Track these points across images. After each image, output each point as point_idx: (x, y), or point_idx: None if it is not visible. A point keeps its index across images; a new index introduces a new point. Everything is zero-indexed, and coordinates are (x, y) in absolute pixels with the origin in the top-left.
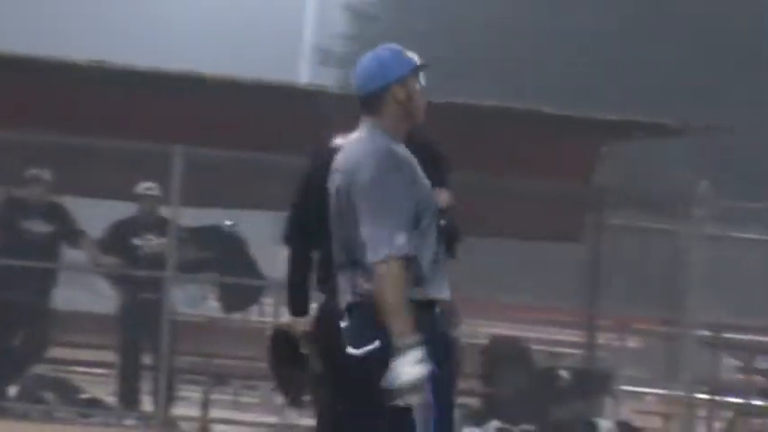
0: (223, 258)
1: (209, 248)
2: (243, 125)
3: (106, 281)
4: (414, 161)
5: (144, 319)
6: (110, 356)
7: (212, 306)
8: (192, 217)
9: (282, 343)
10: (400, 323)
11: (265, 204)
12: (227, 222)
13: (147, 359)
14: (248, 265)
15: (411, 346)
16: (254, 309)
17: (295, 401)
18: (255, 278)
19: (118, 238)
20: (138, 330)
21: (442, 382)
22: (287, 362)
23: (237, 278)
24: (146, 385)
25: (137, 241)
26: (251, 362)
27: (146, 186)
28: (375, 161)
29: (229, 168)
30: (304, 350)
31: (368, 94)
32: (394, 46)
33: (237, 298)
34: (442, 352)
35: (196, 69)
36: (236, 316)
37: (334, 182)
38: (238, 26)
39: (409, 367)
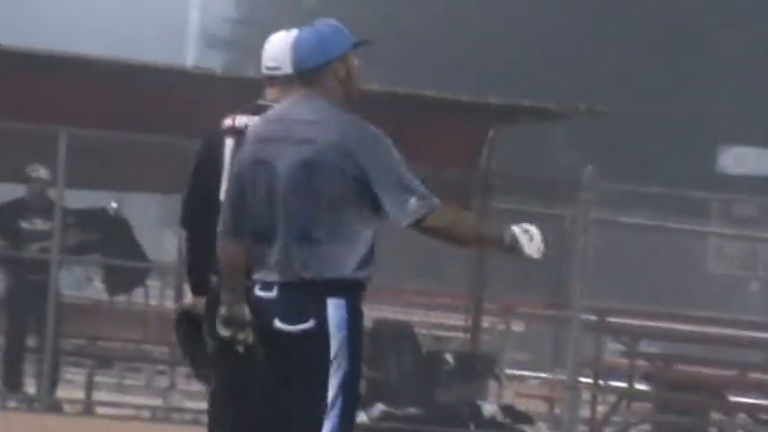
0: (108, 241)
1: (94, 231)
2: (129, 107)
3: None
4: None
5: (29, 301)
6: None
7: (97, 288)
8: (77, 199)
9: (187, 322)
10: (492, 230)
11: (151, 187)
12: (113, 205)
13: (31, 341)
14: (133, 248)
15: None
16: (139, 291)
17: (205, 378)
18: (140, 260)
19: (4, 220)
20: (24, 312)
21: (356, 374)
22: (194, 340)
23: (122, 260)
24: (30, 368)
25: (24, 224)
26: (135, 344)
27: (33, 168)
28: (361, 132)
29: (115, 150)
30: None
31: (307, 69)
32: (333, 22)
33: (122, 280)
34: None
35: (82, 51)
36: (121, 298)
37: (291, 154)
38: (126, 9)
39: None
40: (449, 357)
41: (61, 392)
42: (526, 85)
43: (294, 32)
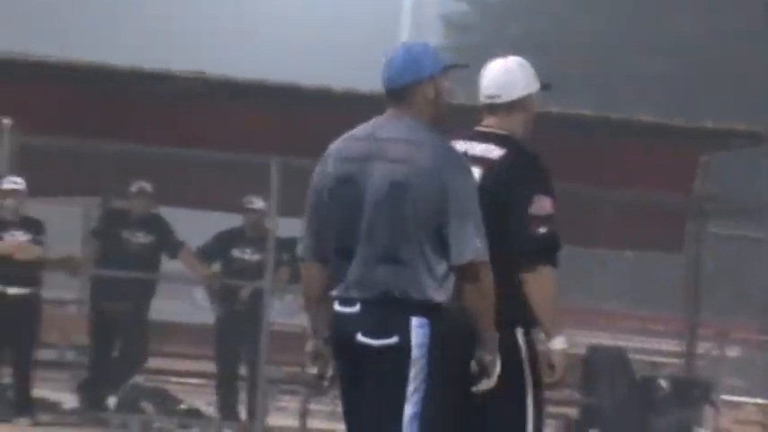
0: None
1: (294, 260)
2: (338, 135)
3: (205, 291)
4: None
5: (242, 330)
6: (208, 367)
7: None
8: (292, 228)
9: None
10: (493, 329)
11: None
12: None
13: (244, 369)
14: None
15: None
16: None
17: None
18: None
19: (220, 249)
20: (237, 341)
21: (436, 398)
22: None
23: None
24: (243, 395)
25: (236, 253)
26: None
27: (248, 200)
28: (455, 160)
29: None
30: None
31: (397, 87)
32: (424, 43)
33: None
34: None
35: (292, 80)
36: None
37: (380, 173)
38: (336, 38)
39: (499, 368)
40: (663, 383)
41: (275, 420)
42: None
43: (512, 60)
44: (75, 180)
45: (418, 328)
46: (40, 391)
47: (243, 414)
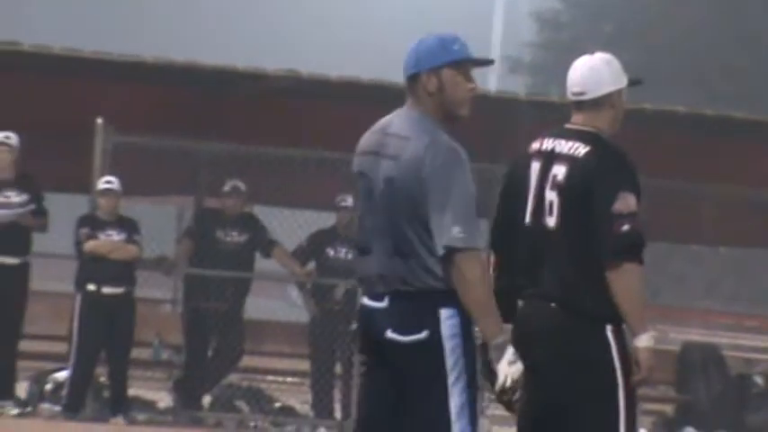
0: None
1: None
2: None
3: (299, 290)
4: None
5: (336, 328)
6: (303, 365)
7: None
8: None
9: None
10: (492, 321)
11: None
12: None
13: (339, 368)
14: None
15: (505, 345)
16: None
17: (507, 403)
18: None
19: (314, 249)
20: (331, 339)
21: (474, 383)
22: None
23: None
24: (338, 394)
25: (330, 252)
26: None
27: (341, 198)
28: (436, 151)
29: None
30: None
31: (406, 78)
32: (449, 33)
33: None
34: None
35: (384, 78)
36: None
37: (382, 168)
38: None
39: (507, 366)
40: (758, 379)
41: None
42: None
43: (598, 57)
44: (170, 179)
45: (447, 320)
46: (135, 390)
47: (337, 412)
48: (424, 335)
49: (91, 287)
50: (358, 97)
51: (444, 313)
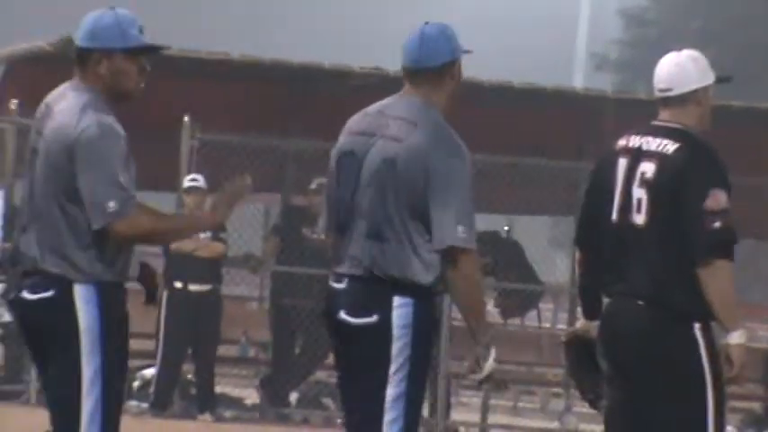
0: (500, 264)
1: (486, 254)
2: (519, 131)
3: None
4: None
5: None
6: None
7: (490, 311)
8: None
9: (579, 347)
10: (486, 322)
11: (540, 209)
12: (504, 228)
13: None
14: (525, 271)
15: (490, 345)
16: (532, 314)
17: (593, 401)
18: (533, 283)
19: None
20: None
21: (419, 380)
22: (584, 364)
23: (515, 283)
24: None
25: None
26: (529, 367)
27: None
28: (446, 144)
29: (505, 174)
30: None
31: (412, 66)
32: (445, 25)
33: (515, 303)
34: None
35: (473, 77)
36: (515, 321)
37: (379, 148)
38: (513, 34)
39: (491, 360)
40: None
41: (457, 416)
42: None
43: (685, 54)
44: (256, 177)
45: (400, 308)
46: (222, 388)
47: (425, 409)
48: (374, 318)
49: (178, 285)
50: (476, 96)
51: (397, 301)
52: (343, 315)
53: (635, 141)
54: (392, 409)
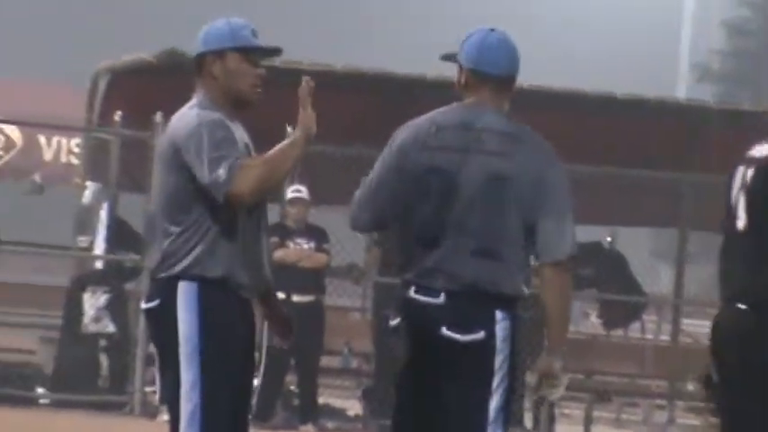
0: (603, 275)
1: (589, 265)
2: (620, 141)
3: None
4: None
5: (528, 338)
6: None
7: (594, 323)
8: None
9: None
10: (566, 333)
11: (643, 221)
12: (607, 239)
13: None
14: (628, 282)
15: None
16: (635, 325)
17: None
18: (636, 295)
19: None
20: (523, 348)
21: (513, 392)
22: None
23: (618, 295)
24: (528, 402)
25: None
26: (631, 379)
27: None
28: (552, 155)
29: (608, 184)
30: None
31: (502, 75)
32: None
33: (618, 314)
34: None
35: (576, 88)
36: (618, 332)
37: (478, 164)
38: (617, 45)
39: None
40: None
41: (560, 427)
42: None
43: None
44: (357, 188)
45: (501, 322)
46: (325, 398)
47: (528, 422)
48: (481, 335)
49: (281, 295)
50: (579, 106)
51: (499, 315)
52: (446, 331)
53: (762, 150)
54: (495, 421)
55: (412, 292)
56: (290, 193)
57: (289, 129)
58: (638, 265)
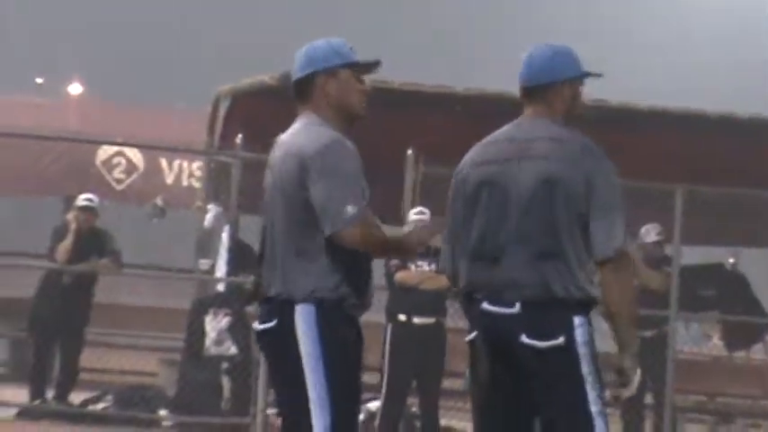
0: (726, 296)
1: (711, 286)
2: (741, 162)
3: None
4: None
5: (647, 358)
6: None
7: (716, 344)
8: (693, 255)
9: None
10: (633, 328)
11: (765, 241)
12: (730, 260)
13: (649, 397)
14: (751, 303)
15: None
16: (758, 347)
17: None
18: (758, 316)
19: None
20: (643, 368)
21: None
22: None
23: (740, 316)
24: (648, 424)
25: None
26: (755, 400)
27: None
28: (597, 153)
29: (729, 206)
30: None
31: (534, 85)
32: (566, 45)
33: (741, 336)
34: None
35: (697, 107)
36: (740, 354)
37: (527, 171)
38: (707, 60)
39: (639, 373)
40: None
41: None
42: None
43: None
44: None
45: (579, 327)
46: (447, 421)
47: None
48: (561, 340)
49: (401, 317)
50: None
51: (577, 320)
52: (525, 339)
53: None
54: (599, 425)
55: (486, 305)
56: (413, 214)
57: (409, 152)
58: (761, 286)
